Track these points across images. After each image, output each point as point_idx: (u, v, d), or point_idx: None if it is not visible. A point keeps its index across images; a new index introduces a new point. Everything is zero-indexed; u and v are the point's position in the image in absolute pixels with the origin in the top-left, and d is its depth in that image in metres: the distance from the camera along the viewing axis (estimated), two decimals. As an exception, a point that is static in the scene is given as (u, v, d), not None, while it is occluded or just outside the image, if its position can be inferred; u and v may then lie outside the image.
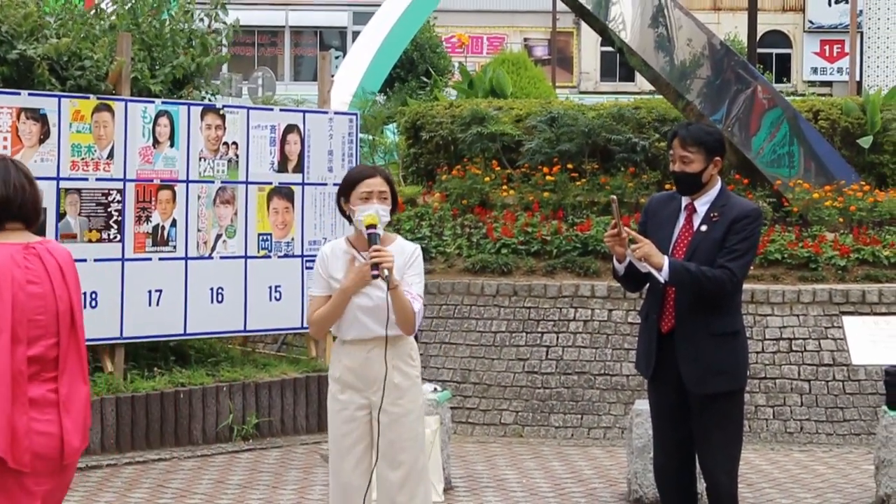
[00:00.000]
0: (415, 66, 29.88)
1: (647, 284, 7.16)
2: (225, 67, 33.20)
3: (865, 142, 15.27)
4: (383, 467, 6.44)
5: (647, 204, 7.35)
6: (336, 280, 6.40)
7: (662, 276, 6.85)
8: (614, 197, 7.15)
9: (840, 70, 40.50)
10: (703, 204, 7.06)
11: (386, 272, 6.17)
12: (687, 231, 7.05)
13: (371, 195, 6.36)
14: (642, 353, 7.20)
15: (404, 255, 6.46)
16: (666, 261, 6.85)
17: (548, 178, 14.62)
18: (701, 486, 7.77)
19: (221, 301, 11.40)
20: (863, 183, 14.51)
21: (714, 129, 7.26)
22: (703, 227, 7.01)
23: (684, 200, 7.11)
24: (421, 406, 6.57)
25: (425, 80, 28.00)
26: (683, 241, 7.04)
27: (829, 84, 41.24)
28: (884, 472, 9.16)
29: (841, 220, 13.78)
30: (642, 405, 8.93)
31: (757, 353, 11.99)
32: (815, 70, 42.07)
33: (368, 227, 6.30)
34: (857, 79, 28.33)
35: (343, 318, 6.42)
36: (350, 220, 6.49)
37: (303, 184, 11.94)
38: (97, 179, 10.76)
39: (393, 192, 6.48)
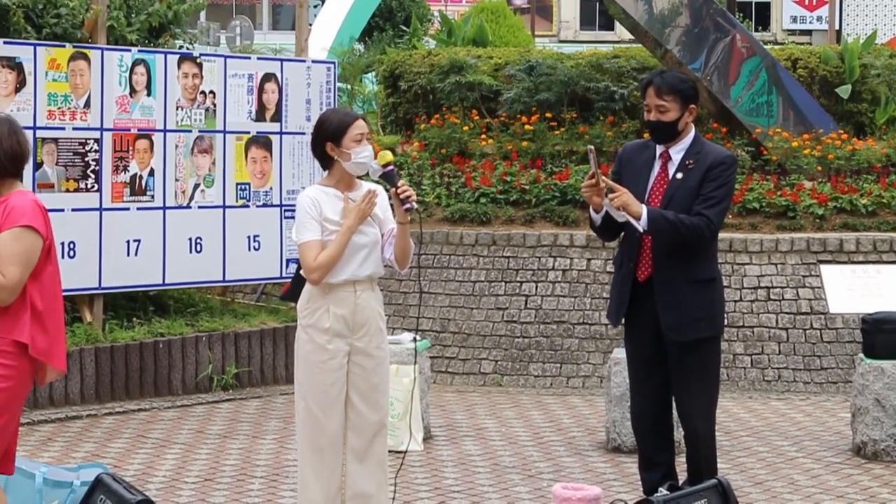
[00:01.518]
0: (393, 15, 29.73)
1: (622, 234, 7.18)
2: (203, 16, 33.04)
3: (844, 91, 15.27)
4: (365, 411, 6.50)
5: (621, 153, 7.35)
6: (331, 222, 6.43)
7: (641, 225, 6.86)
8: (592, 147, 7.15)
9: (820, 18, 40.42)
10: (677, 151, 7.07)
11: (415, 205, 6.44)
12: (662, 179, 7.06)
13: (362, 136, 6.46)
14: (614, 300, 7.23)
15: (381, 195, 6.59)
16: (644, 209, 6.86)
17: (526, 127, 14.59)
18: (678, 432, 7.81)
19: (200, 251, 11.38)
20: (841, 132, 14.51)
21: (687, 77, 7.27)
22: (679, 175, 7.02)
23: (659, 148, 7.11)
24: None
25: (404, 28, 27.86)
26: (659, 189, 7.05)
27: (808, 33, 41.17)
28: (860, 419, 9.21)
29: (819, 168, 13.79)
30: (620, 354, 8.95)
31: (735, 301, 12.02)
32: (794, 19, 41.95)
33: (386, 165, 6.51)
34: (837, 27, 28.32)
35: (344, 259, 6.47)
36: (329, 164, 6.51)
37: (281, 133, 11.91)
38: (74, 129, 10.72)
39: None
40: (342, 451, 6.53)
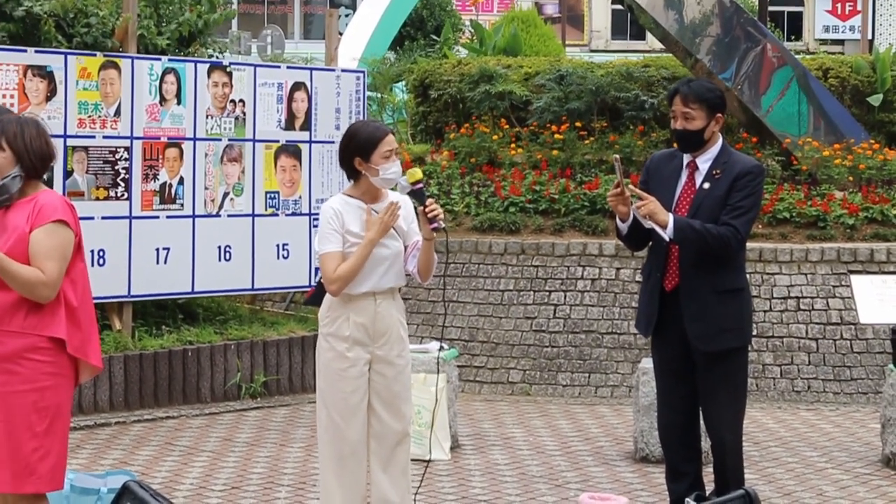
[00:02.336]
0: (424, 24, 29.78)
1: (650, 243, 7.16)
2: (234, 25, 33.16)
3: (875, 100, 15.21)
4: (388, 419, 6.52)
5: (648, 162, 7.33)
6: (353, 234, 6.45)
7: (667, 234, 6.85)
8: (618, 156, 7.14)
9: (852, 28, 40.29)
10: (704, 161, 7.05)
11: (443, 224, 6.44)
12: (689, 189, 7.04)
13: (391, 152, 6.48)
14: (643, 311, 7.21)
15: (405, 207, 6.59)
16: (671, 218, 6.84)
17: (556, 136, 14.58)
18: (706, 443, 7.78)
19: (229, 259, 11.40)
20: (872, 141, 14.45)
21: (715, 86, 7.25)
22: (706, 185, 7.00)
23: (686, 158, 7.09)
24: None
25: (435, 38, 27.90)
26: (686, 199, 7.03)
27: (840, 42, 41.05)
28: (890, 430, 9.16)
29: (850, 178, 13.74)
30: (649, 363, 8.93)
31: (764, 311, 11.98)
32: (826, 28, 41.86)
33: (415, 183, 6.47)
34: (869, 37, 28.20)
35: (365, 271, 6.48)
36: (356, 176, 6.52)
37: (310, 141, 11.93)
38: (104, 137, 10.76)
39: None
40: (366, 460, 6.54)
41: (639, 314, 7.35)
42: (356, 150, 6.47)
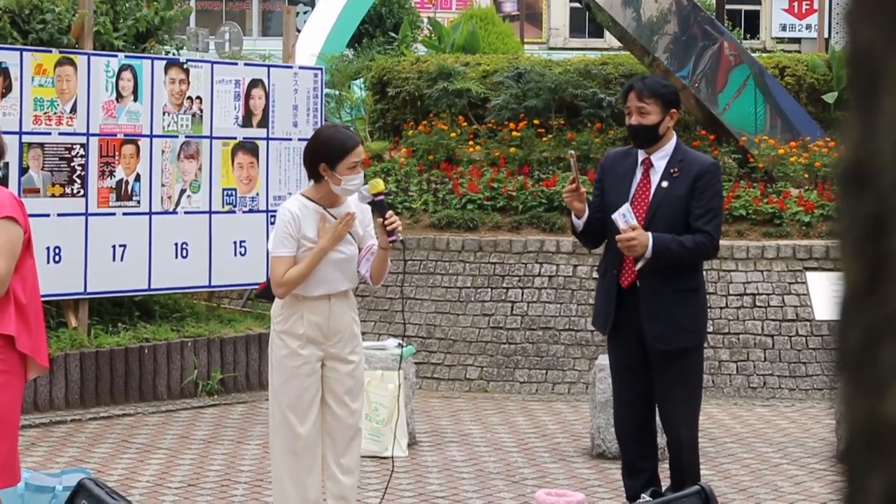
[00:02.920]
0: (383, 21, 29.73)
1: (606, 240, 7.19)
2: (192, 22, 33.01)
3: (831, 98, 15.30)
4: (342, 414, 6.54)
5: (603, 160, 7.36)
6: (308, 239, 6.45)
7: (641, 262, 6.88)
8: (573, 152, 7.17)
9: (809, 27, 40.49)
10: (660, 158, 7.07)
11: (401, 237, 6.49)
12: (645, 186, 7.07)
13: (357, 164, 6.46)
14: (600, 309, 7.24)
15: (362, 210, 6.58)
16: (650, 246, 6.86)
17: (514, 133, 14.60)
18: (662, 439, 7.82)
19: (186, 256, 11.37)
20: (828, 139, 14.54)
21: (669, 82, 7.30)
22: (664, 184, 7.02)
23: (640, 155, 7.12)
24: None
25: (393, 35, 27.87)
26: (642, 197, 7.05)
27: (797, 41, 41.23)
28: (845, 426, 9.20)
29: (806, 176, 13.81)
30: (605, 360, 8.94)
31: (721, 308, 12.04)
32: (783, 27, 42.05)
33: (377, 194, 6.47)
34: (826, 36, 28.34)
35: (310, 276, 6.44)
36: (318, 178, 6.50)
37: (267, 139, 11.91)
38: (60, 134, 10.71)
39: None
40: (319, 456, 6.55)
41: (595, 312, 7.37)
42: (324, 156, 6.44)
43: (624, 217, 6.85)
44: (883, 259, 0.95)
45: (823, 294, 12.21)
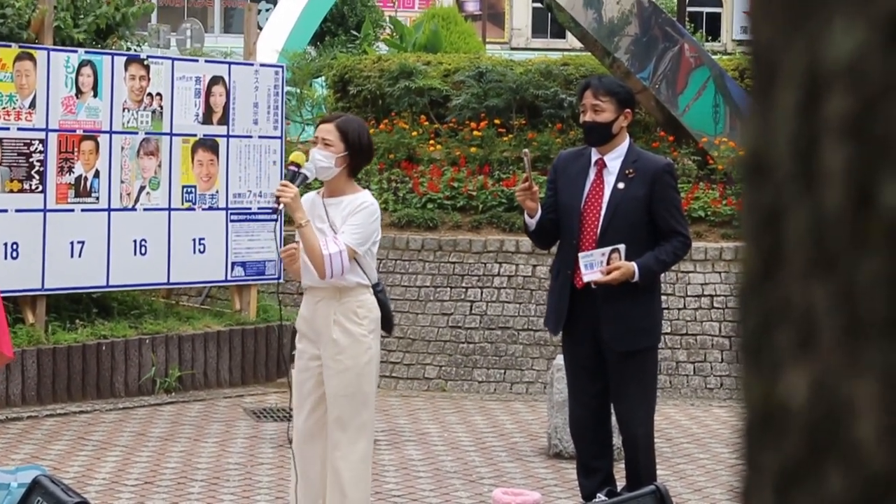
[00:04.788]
0: (345, 20, 29.71)
1: (559, 240, 7.23)
2: (153, 18, 32.91)
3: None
4: (328, 420, 6.53)
5: (556, 160, 7.40)
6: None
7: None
8: (526, 151, 7.22)
9: (770, 29, 40.66)
10: (613, 159, 7.11)
11: (281, 207, 6.38)
12: (598, 187, 7.11)
13: (317, 139, 6.55)
14: (552, 309, 7.27)
15: (353, 204, 6.55)
16: (636, 272, 6.92)
17: (475, 133, 14.61)
18: (618, 439, 7.85)
19: (145, 253, 11.34)
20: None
21: (624, 83, 7.36)
22: (620, 185, 7.06)
23: (594, 156, 7.15)
24: (365, 364, 6.52)
25: (355, 33, 27.85)
26: (596, 197, 7.09)
27: (758, 43, 41.35)
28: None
29: (764, 178, 13.87)
30: (563, 360, 8.98)
31: (679, 309, 12.09)
32: (744, 29, 42.16)
33: (290, 163, 6.54)
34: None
35: (302, 265, 6.51)
36: None
37: (227, 136, 11.89)
38: (19, 129, 10.66)
39: (350, 142, 6.52)
40: (319, 448, 6.57)
41: (548, 312, 7.41)
42: None
43: (590, 267, 6.90)
44: (778, 247, 1.00)
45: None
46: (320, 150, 6.48)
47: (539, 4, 25.24)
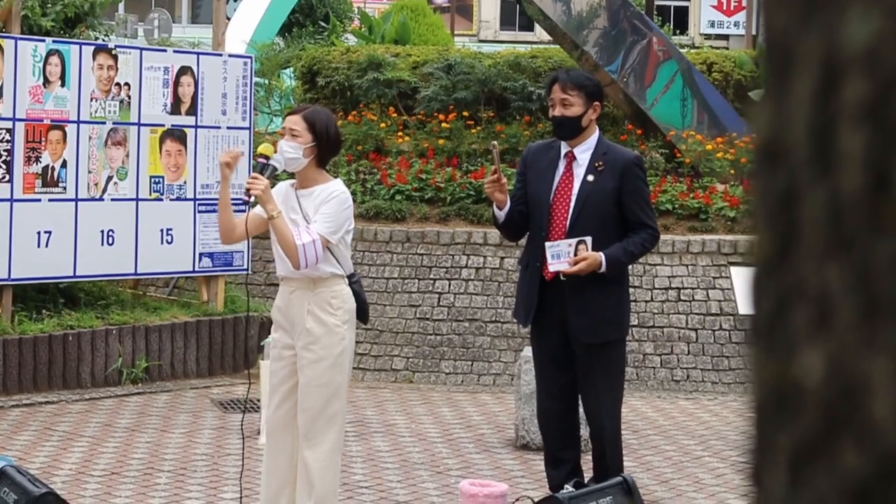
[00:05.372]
0: (314, 11, 29.66)
1: (528, 232, 7.25)
2: (121, 8, 32.77)
3: (757, 95, 15.42)
4: (299, 410, 6.52)
5: (525, 153, 7.41)
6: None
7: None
8: (495, 143, 7.23)
9: (737, 24, 40.79)
10: (583, 151, 7.13)
11: (252, 199, 6.36)
12: (567, 179, 7.12)
13: (285, 130, 6.55)
14: (522, 301, 7.29)
15: (324, 194, 6.54)
16: (603, 262, 6.93)
17: (443, 125, 14.62)
18: (585, 430, 7.88)
19: (112, 244, 11.31)
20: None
21: (593, 76, 7.38)
22: (590, 178, 7.08)
23: (563, 148, 7.17)
24: (339, 354, 6.52)
25: (324, 25, 27.82)
26: (565, 190, 7.10)
27: (725, 37, 41.53)
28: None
29: (732, 171, 13.93)
30: (530, 352, 9.00)
31: (646, 302, 12.13)
32: (712, 23, 42.34)
33: (258, 155, 6.52)
34: (753, 33, 28.61)
35: (276, 255, 6.52)
36: None
37: (196, 126, 11.86)
38: (-15, 118, 10.61)
39: (317, 133, 6.51)
40: (288, 438, 6.57)
41: (517, 304, 7.42)
42: None
43: (557, 258, 6.92)
44: (793, 229, 1.02)
45: (747, 289, 12.32)
46: (288, 142, 6.48)
47: (508, -3, 25.20)
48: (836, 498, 0.99)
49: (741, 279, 12.37)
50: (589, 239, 6.92)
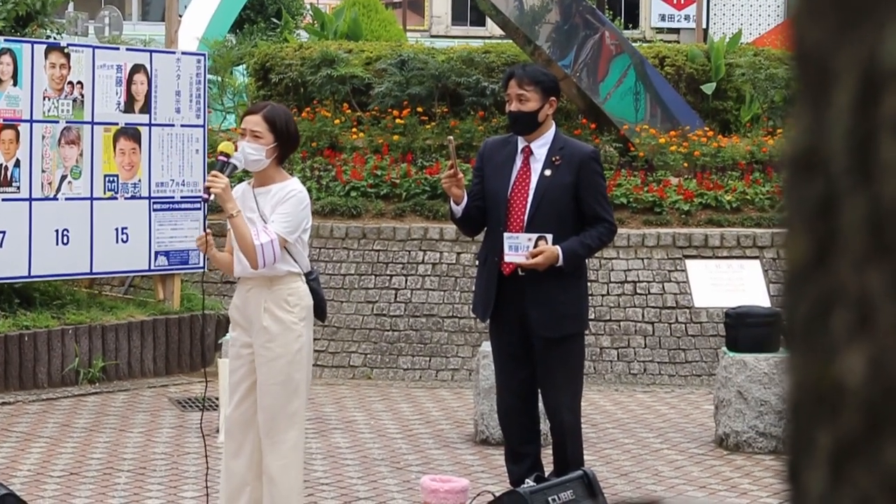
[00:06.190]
0: (265, 7, 29.58)
1: (486, 227, 7.26)
2: (71, 6, 32.58)
3: (709, 88, 15.52)
4: (258, 408, 6.50)
5: (482, 148, 7.43)
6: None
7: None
8: (451, 138, 7.25)
9: (687, 17, 40.94)
10: (540, 146, 7.15)
11: (212, 197, 6.34)
12: (525, 174, 7.15)
13: (244, 131, 6.51)
14: (480, 296, 7.30)
15: (281, 192, 6.53)
16: (560, 256, 6.96)
17: (397, 121, 14.62)
18: (545, 425, 7.91)
19: (67, 243, 11.25)
20: (707, 129, 14.74)
21: (549, 71, 7.41)
22: (547, 172, 7.10)
23: (520, 143, 7.19)
24: (296, 352, 6.50)
25: (276, 21, 27.75)
26: (522, 185, 7.13)
27: (676, 31, 41.69)
28: (723, 411, 9.39)
29: (685, 165, 14.00)
30: (489, 347, 9.00)
31: (602, 295, 12.17)
32: (663, 17, 42.47)
33: (219, 154, 6.48)
34: (704, 26, 28.76)
35: (235, 255, 6.51)
36: None
37: (150, 124, 11.82)
38: (-62, 118, 10.54)
39: (278, 132, 6.50)
40: (248, 436, 6.56)
41: (475, 299, 7.43)
42: None
43: (515, 250, 6.94)
44: (832, 235, 1.06)
45: (702, 282, 12.39)
46: (250, 144, 6.46)
47: (459, -8, 25.23)
48: (878, 493, 1.03)
49: (696, 272, 12.44)
50: (550, 236, 6.94)
